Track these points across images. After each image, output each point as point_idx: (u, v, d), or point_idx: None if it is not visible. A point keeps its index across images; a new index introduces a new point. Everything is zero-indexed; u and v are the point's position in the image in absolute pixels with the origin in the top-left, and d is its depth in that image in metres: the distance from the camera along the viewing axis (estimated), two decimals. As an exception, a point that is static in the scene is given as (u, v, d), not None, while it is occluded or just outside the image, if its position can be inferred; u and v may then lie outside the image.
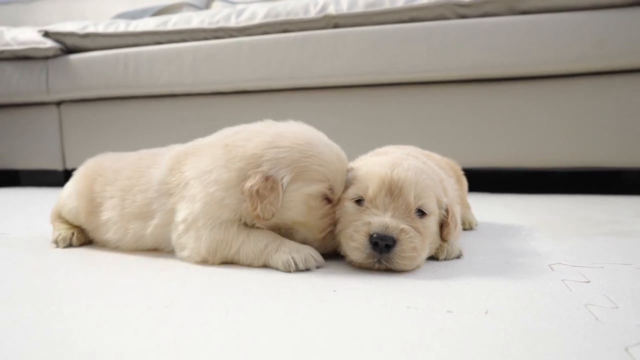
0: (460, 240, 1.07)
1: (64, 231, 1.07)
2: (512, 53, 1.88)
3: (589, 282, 0.72)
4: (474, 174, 2.61)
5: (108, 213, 0.99)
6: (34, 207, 1.81)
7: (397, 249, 0.79)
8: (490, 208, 1.57)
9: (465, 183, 1.28)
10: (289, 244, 0.84)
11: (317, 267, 0.83)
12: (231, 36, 2.24)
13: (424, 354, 0.49)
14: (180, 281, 0.77)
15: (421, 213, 0.85)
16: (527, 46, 1.86)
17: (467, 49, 1.92)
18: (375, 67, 2.04)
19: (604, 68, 1.81)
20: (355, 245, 0.80)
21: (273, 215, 0.82)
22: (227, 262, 0.87)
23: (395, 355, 0.48)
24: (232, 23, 2.22)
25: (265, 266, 0.84)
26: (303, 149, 0.84)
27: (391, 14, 2.03)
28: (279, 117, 2.17)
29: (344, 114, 2.14)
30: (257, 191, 0.80)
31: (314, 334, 0.55)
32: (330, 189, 0.85)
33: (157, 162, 0.98)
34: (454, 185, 1.11)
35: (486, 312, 0.60)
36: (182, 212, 0.87)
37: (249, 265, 0.85)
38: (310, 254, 0.83)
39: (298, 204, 0.84)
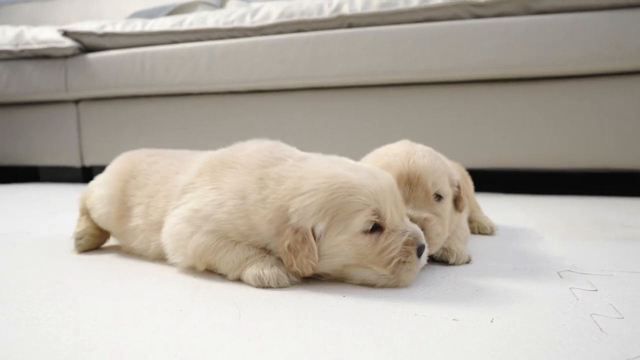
0: (470, 243, 1.08)
1: (88, 233, 1.06)
2: (528, 53, 1.87)
3: (596, 290, 0.73)
4: (490, 174, 2.61)
5: (136, 220, 0.95)
6: (54, 204, 1.85)
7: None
8: (505, 210, 1.57)
9: (470, 183, 1.29)
10: (267, 260, 0.79)
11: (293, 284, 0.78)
12: (246, 36, 2.26)
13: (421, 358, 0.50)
14: (194, 286, 0.79)
15: (438, 197, 0.88)
16: (542, 46, 1.84)
17: (482, 49, 1.92)
18: (389, 67, 2.04)
19: (621, 69, 1.79)
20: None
21: (314, 269, 0.75)
22: (210, 269, 0.85)
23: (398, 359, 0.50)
24: (247, 23, 2.24)
25: (238, 280, 0.81)
26: (327, 186, 0.74)
27: (405, 14, 2.03)
28: (292, 116, 2.21)
29: (358, 114, 2.15)
30: (289, 246, 0.74)
31: (322, 338, 0.56)
32: (376, 213, 0.74)
33: (185, 168, 0.94)
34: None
35: (492, 321, 0.61)
36: (192, 203, 0.83)
37: (226, 276, 0.82)
38: (285, 271, 0.77)
39: (344, 247, 0.75)
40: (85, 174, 2.73)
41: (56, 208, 1.73)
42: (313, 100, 2.22)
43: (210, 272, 0.86)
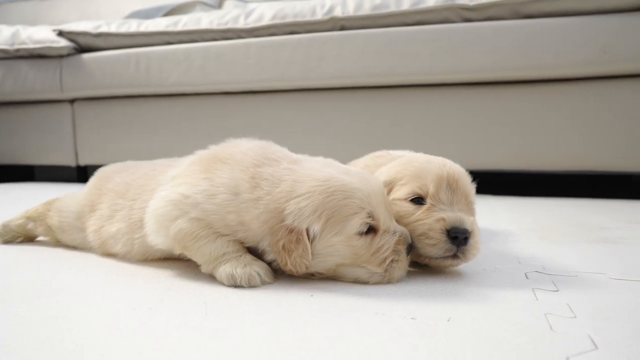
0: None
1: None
2: (517, 56, 1.88)
3: (557, 291, 0.75)
4: (479, 175, 2.63)
5: (117, 224, 0.96)
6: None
7: (472, 241, 0.83)
8: (490, 211, 1.59)
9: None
10: (242, 259, 0.81)
11: (264, 284, 0.80)
12: (240, 37, 2.28)
13: (374, 355, 0.52)
14: (167, 284, 0.81)
15: (472, 203, 0.90)
16: (531, 50, 1.86)
17: (472, 52, 1.94)
18: (380, 69, 2.06)
19: (608, 72, 1.81)
20: (431, 242, 0.83)
21: (307, 268, 0.78)
22: (187, 256, 0.86)
23: (349, 355, 0.52)
24: (241, 24, 2.26)
25: (211, 275, 0.83)
26: (323, 189, 0.77)
27: (397, 17, 2.05)
28: (285, 117, 2.23)
29: (350, 115, 2.17)
30: (284, 246, 0.76)
31: (281, 336, 0.58)
32: (370, 216, 0.78)
33: (174, 166, 0.95)
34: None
35: (448, 320, 0.63)
36: (183, 188, 0.84)
37: (200, 267, 0.83)
38: (257, 271, 0.79)
39: (339, 248, 0.78)
40: (80, 173, 2.75)
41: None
42: (306, 101, 2.24)
43: (185, 271, 0.88)
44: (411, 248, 0.82)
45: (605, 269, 0.88)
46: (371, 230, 0.79)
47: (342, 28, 2.14)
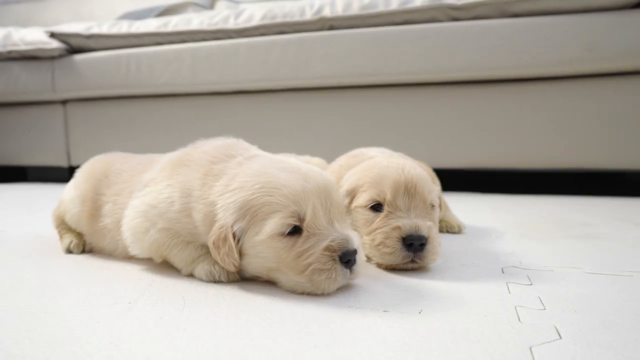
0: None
1: (75, 238, 1.05)
2: (503, 55, 1.90)
3: (531, 284, 0.76)
4: (465, 174, 2.64)
5: (104, 220, 0.95)
6: (37, 204, 1.88)
7: (429, 246, 0.84)
8: (475, 209, 1.60)
9: (438, 183, 1.32)
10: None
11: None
12: (229, 37, 2.29)
13: (344, 348, 0.53)
14: (149, 280, 0.82)
15: (432, 206, 0.91)
16: (517, 49, 1.88)
17: (459, 51, 1.95)
18: (368, 68, 2.08)
19: (593, 71, 1.83)
20: (388, 250, 0.84)
21: (235, 267, 0.75)
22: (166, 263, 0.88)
23: (321, 348, 0.53)
24: (231, 25, 2.27)
25: (191, 276, 0.84)
26: (251, 185, 0.73)
27: (385, 17, 2.07)
28: (274, 117, 2.24)
29: (338, 115, 2.18)
30: (214, 242, 0.74)
31: (254, 329, 0.59)
32: (294, 216, 0.71)
33: (152, 166, 0.94)
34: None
35: (420, 312, 0.64)
36: (149, 198, 0.84)
37: (180, 271, 0.85)
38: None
39: (262, 249, 0.73)
40: (72, 174, 2.74)
41: (37, 207, 1.76)
42: (295, 101, 2.25)
43: (168, 268, 0.89)
44: (350, 255, 0.71)
45: (581, 264, 0.89)
46: (298, 231, 0.72)
47: (331, 28, 2.15)
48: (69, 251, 1.04)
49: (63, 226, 1.09)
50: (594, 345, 0.54)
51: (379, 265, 0.87)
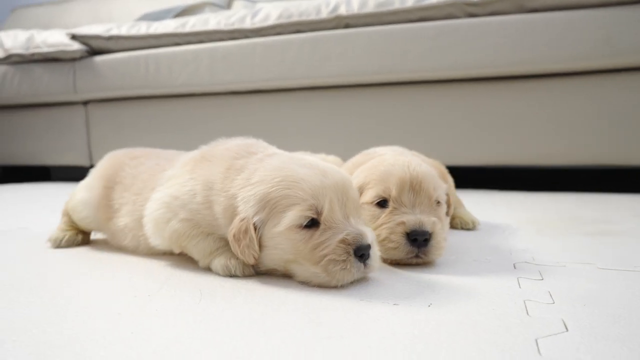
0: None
1: (70, 234, 1.11)
2: (521, 51, 1.89)
3: (541, 279, 0.77)
4: (484, 171, 2.64)
5: (124, 220, 0.98)
6: (60, 202, 1.93)
7: (433, 242, 0.86)
8: (491, 206, 1.60)
9: (451, 180, 1.32)
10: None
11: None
12: (246, 37, 2.32)
13: (355, 339, 0.55)
14: (168, 274, 0.85)
15: (437, 203, 0.92)
16: (535, 44, 1.87)
17: (476, 47, 1.95)
18: (384, 66, 2.08)
19: (612, 66, 1.81)
20: (393, 245, 0.86)
21: (255, 259, 0.78)
22: (186, 253, 0.90)
23: (330, 337, 0.55)
24: (247, 24, 2.30)
25: (208, 269, 0.86)
26: (270, 178, 0.76)
27: (401, 14, 2.07)
28: (291, 116, 2.26)
29: (354, 113, 2.20)
30: (234, 235, 0.77)
31: (267, 321, 0.61)
32: (312, 209, 0.74)
33: (172, 165, 0.97)
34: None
35: (429, 306, 0.65)
36: (173, 190, 0.87)
37: (198, 262, 0.87)
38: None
39: (280, 241, 0.75)
40: (94, 173, 2.81)
41: (60, 206, 1.80)
42: (311, 99, 2.27)
43: (185, 263, 0.92)
44: (364, 250, 0.74)
45: (594, 260, 0.89)
46: (315, 224, 0.75)
47: (347, 26, 2.16)
48: (57, 245, 1.09)
49: (67, 219, 1.13)
50: (601, 337, 0.54)
51: (384, 260, 0.89)
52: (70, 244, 1.11)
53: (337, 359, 0.50)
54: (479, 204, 1.64)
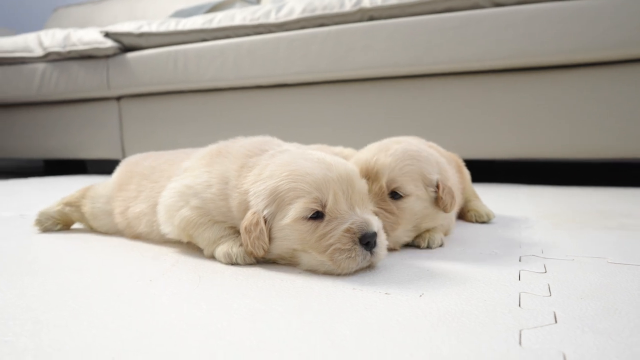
0: (458, 230, 1.11)
1: (60, 223, 1.20)
2: (550, 41, 1.83)
3: (544, 272, 0.75)
4: (508, 164, 2.57)
5: (140, 206, 1.03)
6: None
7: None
8: (513, 200, 1.57)
9: (466, 172, 1.30)
10: (238, 239, 0.86)
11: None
12: (270, 32, 2.34)
13: (336, 325, 0.55)
14: (172, 261, 0.87)
15: (397, 195, 0.92)
16: (565, 33, 1.81)
17: (503, 38, 1.90)
18: (409, 58, 2.06)
19: (645, 55, 1.74)
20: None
21: (265, 251, 0.81)
22: (193, 243, 0.92)
23: (315, 325, 0.55)
24: (272, 19, 2.32)
25: (213, 257, 0.88)
26: (278, 173, 0.80)
27: (425, 5, 2.04)
28: (315, 109, 2.27)
29: (378, 105, 2.19)
30: (245, 227, 0.80)
31: (257, 305, 0.63)
32: (316, 201, 0.77)
33: (190, 157, 1.01)
34: (454, 174, 1.14)
35: (420, 295, 0.65)
36: (187, 180, 0.91)
37: (203, 251, 0.90)
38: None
39: (288, 232, 0.79)
40: (128, 166, 2.90)
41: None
42: (335, 93, 2.27)
43: (191, 251, 0.94)
44: (369, 238, 0.76)
45: (607, 254, 0.87)
46: (321, 216, 0.78)
47: (371, 18, 2.15)
48: (44, 229, 1.18)
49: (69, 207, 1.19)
50: (589, 330, 0.53)
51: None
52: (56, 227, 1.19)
53: (313, 342, 0.51)
54: (500, 197, 1.61)
